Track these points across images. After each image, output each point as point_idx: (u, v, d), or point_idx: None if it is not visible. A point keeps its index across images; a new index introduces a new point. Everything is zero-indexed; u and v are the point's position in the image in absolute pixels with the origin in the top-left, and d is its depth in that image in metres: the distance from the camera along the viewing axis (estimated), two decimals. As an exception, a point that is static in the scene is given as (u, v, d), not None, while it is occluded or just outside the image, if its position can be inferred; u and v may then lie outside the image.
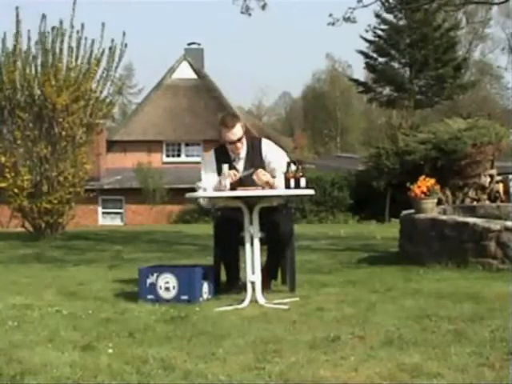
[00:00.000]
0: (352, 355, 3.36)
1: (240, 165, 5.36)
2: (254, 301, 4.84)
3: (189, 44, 31.90)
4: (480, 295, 4.91)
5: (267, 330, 3.96)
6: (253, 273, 4.94)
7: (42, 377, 3.12)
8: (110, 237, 12.68)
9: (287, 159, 5.25)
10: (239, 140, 5.33)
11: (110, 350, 3.54)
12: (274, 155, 5.41)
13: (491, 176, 16.82)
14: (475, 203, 14.56)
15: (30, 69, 12.04)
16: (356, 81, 36.15)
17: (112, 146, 29.13)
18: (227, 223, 5.32)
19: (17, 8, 12.03)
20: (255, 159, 5.37)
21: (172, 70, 30.89)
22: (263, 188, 5.09)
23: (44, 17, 12.02)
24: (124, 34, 12.47)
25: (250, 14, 13.23)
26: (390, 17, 33.03)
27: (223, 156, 5.35)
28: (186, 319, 4.30)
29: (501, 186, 16.48)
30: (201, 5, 68.39)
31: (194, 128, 29.23)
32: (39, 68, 12.03)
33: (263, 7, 13.18)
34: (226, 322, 4.23)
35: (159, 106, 29.90)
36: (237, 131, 5.31)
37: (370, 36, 33.08)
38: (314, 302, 4.86)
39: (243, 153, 5.39)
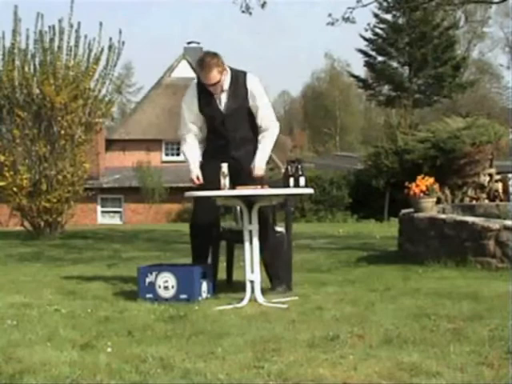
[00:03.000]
0: (351, 354, 3.36)
1: (223, 96, 5.26)
2: (253, 300, 4.84)
3: (188, 43, 31.93)
4: (479, 294, 4.91)
5: (266, 329, 3.95)
6: (252, 272, 4.94)
7: (41, 376, 3.12)
8: (108, 236, 12.67)
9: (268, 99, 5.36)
10: (216, 84, 5.18)
11: (109, 349, 3.54)
12: (260, 91, 5.32)
13: (490, 175, 16.84)
14: (474, 202, 14.57)
15: (28, 67, 12.04)
16: (356, 77, 36.17)
17: (111, 144, 29.14)
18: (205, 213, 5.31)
19: (15, 6, 12.05)
20: (239, 92, 5.27)
21: (171, 68, 30.91)
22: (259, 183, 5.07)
23: (42, 16, 12.03)
24: (120, 31, 12.49)
25: (250, 13, 13.25)
26: (388, 16, 33.10)
27: (205, 89, 5.22)
28: (184, 318, 4.30)
29: (500, 185, 16.49)
30: (201, 4, 68.40)
31: (193, 127, 29.18)
32: (38, 67, 12.04)
33: (263, 6, 13.19)
34: (225, 320, 4.23)
35: (158, 105, 29.91)
36: (213, 77, 5.15)
37: (369, 35, 33.17)
38: (313, 301, 4.86)
39: (226, 85, 5.25)
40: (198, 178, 5.29)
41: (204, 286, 5.05)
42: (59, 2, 13.28)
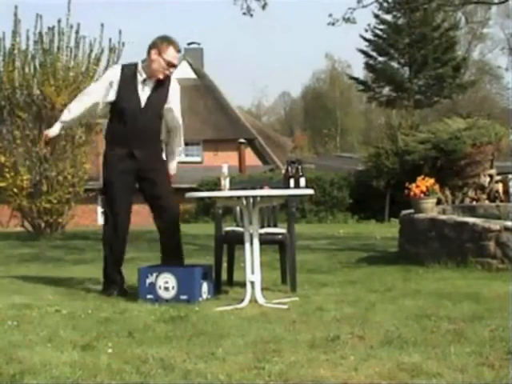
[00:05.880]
0: (352, 355, 3.36)
1: (146, 90, 5.24)
2: (253, 300, 4.84)
3: (188, 44, 31.93)
4: (479, 295, 4.91)
5: (267, 330, 3.96)
6: (252, 272, 4.94)
7: (41, 376, 3.12)
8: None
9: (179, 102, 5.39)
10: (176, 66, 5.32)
11: (110, 350, 3.54)
12: (176, 97, 5.39)
13: (491, 176, 16.82)
14: (475, 203, 14.56)
15: (28, 68, 12.05)
16: (356, 79, 36.20)
17: (111, 145, 29.11)
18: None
19: (15, 7, 12.06)
20: (162, 93, 5.30)
21: (171, 69, 30.87)
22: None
23: (41, 17, 12.03)
24: (120, 32, 12.49)
25: (251, 15, 13.27)
26: (388, 17, 33.14)
27: (130, 77, 5.23)
28: (185, 319, 4.30)
29: (500, 186, 16.48)
30: (200, 4, 68.42)
31: (194, 128, 29.21)
32: (38, 68, 12.04)
33: (263, 7, 13.20)
34: (226, 321, 4.23)
35: (158, 106, 29.86)
36: (178, 58, 5.32)
37: (369, 35, 33.21)
38: (313, 301, 4.87)
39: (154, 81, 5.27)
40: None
41: (204, 286, 5.06)
42: (59, 3, 13.30)
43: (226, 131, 28.86)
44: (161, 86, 5.27)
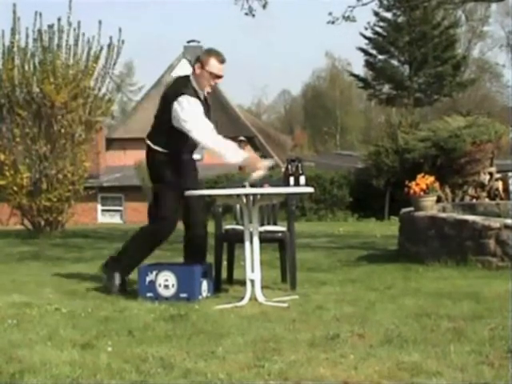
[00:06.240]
0: (351, 353, 3.36)
1: (205, 105, 5.37)
2: (253, 299, 4.84)
3: (188, 42, 31.89)
4: (479, 293, 4.91)
5: (267, 329, 3.95)
6: (252, 271, 4.93)
7: (41, 375, 3.12)
8: (109, 235, 12.66)
9: None
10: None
11: (110, 349, 3.54)
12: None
13: (490, 174, 16.82)
14: (475, 201, 14.56)
15: (28, 66, 12.02)
16: (357, 76, 36.19)
17: (111, 143, 29.11)
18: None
19: (14, 5, 12.03)
20: (210, 103, 5.46)
21: (171, 67, 30.85)
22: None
23: (40, 14, 12.01)
24: (120, 30, 12.46)
25: (253, 15, 13.27)
26: (388, 15, 33.14)
27: (194, 94, 5.24)
28: (185, 317, 4.30)
29: (500, 184, 16.49)
30: (200, 4, 68.39)
31: (194, 126, 29.15)
32: (37, 65, 12.02)
33: (264, 6, 13.19)
34: (226, 320, 4.23)
35: (158, 104, 29.84)
36: (223, 69, 5.30)
37: (369, 33, 33.20)
38: (313, 300, 4.86)
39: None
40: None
41: (204, 284, 5.05)
42: (58, 1, 13.29)
43: (225, 129, 28.65)
44: (208, 97, 5.44)
